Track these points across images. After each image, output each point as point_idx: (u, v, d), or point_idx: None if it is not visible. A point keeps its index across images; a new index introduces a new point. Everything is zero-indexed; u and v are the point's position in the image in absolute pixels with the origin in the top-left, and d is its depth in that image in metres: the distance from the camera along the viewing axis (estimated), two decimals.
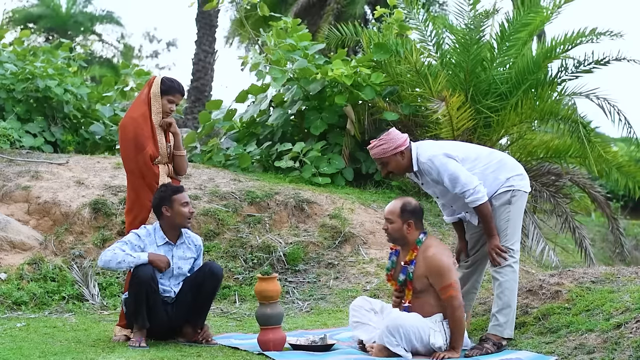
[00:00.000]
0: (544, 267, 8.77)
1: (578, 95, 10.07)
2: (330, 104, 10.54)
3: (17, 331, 6.15)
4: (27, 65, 11.18)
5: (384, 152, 5.42)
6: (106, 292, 7.52)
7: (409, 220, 5.34)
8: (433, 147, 5.50)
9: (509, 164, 5.49)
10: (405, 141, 5.44)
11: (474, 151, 5.56)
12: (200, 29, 20.89)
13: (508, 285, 5.34)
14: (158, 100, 5.87)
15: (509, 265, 5.35)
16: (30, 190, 8.55)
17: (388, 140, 5.42)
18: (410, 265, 5.31)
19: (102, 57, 31.60)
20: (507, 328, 5.36)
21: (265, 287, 5.56)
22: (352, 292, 7.56)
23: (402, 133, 5.51)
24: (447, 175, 5.31)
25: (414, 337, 5.14)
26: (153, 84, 5.92)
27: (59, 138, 11.29)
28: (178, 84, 5.96)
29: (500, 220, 5.38)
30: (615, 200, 16.49)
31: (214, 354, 5.30)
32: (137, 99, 6.05)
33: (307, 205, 8.80)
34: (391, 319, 5.19)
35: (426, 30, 10.50)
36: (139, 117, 5.85)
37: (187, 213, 5.66)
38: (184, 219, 5.67)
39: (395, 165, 5.46)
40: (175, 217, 5.65)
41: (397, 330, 5.12)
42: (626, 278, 5.96)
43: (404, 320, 5.17)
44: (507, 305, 5.34)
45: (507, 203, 5.37)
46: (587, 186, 10.35)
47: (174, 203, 5.64)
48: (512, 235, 5.38)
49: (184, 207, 5.66)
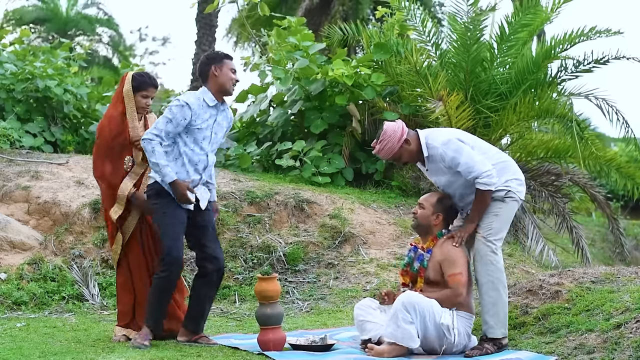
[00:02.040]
0: (543, 267, 8.77)
1: (577, 96, 10.07)
2: (331, 104, 10.54)
3: (17, 331, 6.15)
4: (27, 66, 11.18)
5: (392, 150, 5.41)
6: (106, 292, 7.52)
7: (440, 213, 5.43)
8: (445, 133, 5.49)
9: (512, 168, 5.48)
10: (403, 129, 5.41)
11: (484, 145, 5.56)
12: (200, 29, 20.88)
13: (490, 285, 5.28)
14: (131, 98, 5.83)
15: (489, 263, 5.28)
16: (30, 190, 8.55)
17: (388, 138, 5.39)
18: (426, 253, 5.38)
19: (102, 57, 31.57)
20: (499, 328, 5.31)
21: (265, 287, 5.56)
22: (352, 292, 7.56)
23: (394, 123, 5.46)
24: (463, 159, 5.27)
25: (427, 315, 5.16)
26: (125, 82, 5.86)
27: (59, 138, 11.29)
28: (149, 76, 5.90)
29: (488, 213, 5.34)
30: (615, 200, 16.49)
31: (214, 354, 5.30)
32: (113, 97, 5.99)
33: (307, 205, 8.80)
34: (406, 295, 5.21)
35: (425, 31, 10.50)
36: (117, 115, 5.83)
37: (234, 78, 5.67)
38: (230, 84, 5.66)
39: (407, 155, 5.46)
40: (223, 79, 5.63)
41: (412, 307, 5.14)
42: (626, 278, 5.96)
43: (420, 298, 5.20)
44: (493, 305, 5.29)
45: (501, 200, 5.35)
46: (587, 186, 10.34)
47: (224, 66, 5.64)
48: (497, 232, 5.33)
49: (233, 72, 5.67)
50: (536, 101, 9.91)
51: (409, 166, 10.23)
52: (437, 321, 5.19)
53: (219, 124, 5.73)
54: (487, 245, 5.31)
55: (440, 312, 5.21)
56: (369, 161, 10.49)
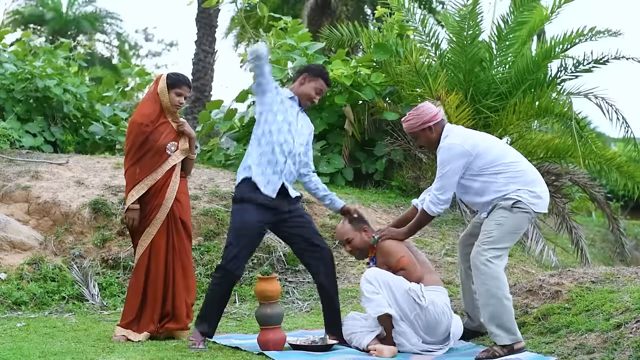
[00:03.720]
0: (543, 267, 8.77)
1: (576, 95, 10.08)
2: (330, 103, 10.54)
3: (17, 331, 6.15)
4: (27, 66, 11.18)
5: (412, 127, 5.42)
6: (106, 292, 7.52)
7: (361, 228, 5.59)
8: (459, 137, 5.34)
9: (528, 179, 5.32)
10: (436, 116, 5.37)
11: (498, 153, 5.36)
12: (200, 29, 20.89)
13: (488, 294, 5.11)
14: (165, 95, 5.94)
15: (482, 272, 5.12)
16: (30, 190, 8.55)
17: (416, 116, 5.39)
18: (371, 262, 5.55)
19: (102, 56, 31.58)
20: (506, 335, 5.12)
21: (265, 287, 5.56)
22: (352, 292, 7.56)
23: (433, 106, 5.44)
24: (439, 170, 5.32)
25: (393, 284, 5.23)
26: (160, 80, 6.03)
27: (59, 138, 11.29)
28: (184, 76, 6.06)
29: (491, 221, 5.22)
30: (615, 200, 16.49)
31: (214, 354, 5.30)
32: (146, 96, 6.17)
33: (307, 205, 8.79)
34: (368, 270, 5.36)
35: (424, 31, 10.50)
36: (151, 113, 5.93)
37: (314, 97, 5.66)
38: (307, 98, 5.65)
39: (425, 140, 5.45)
40: (306, 90, 5.63)
41: (374, 278, 5.25)
42: (626, 278, 5.96)
43: (383, 272, 5.33)
44: (492, 314, 5.13)
45: (507, 209, 5.20)
46: (587, 186, 10.35)
47: (314, 81, 5.65)
48: (496, 241, 5.15)
49: (317, 92, 5.66)
50: (536, 101, 9.91)
51: (409, 166, 10.24)
52: (405, 288, 5.24)
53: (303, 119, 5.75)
54: (480, 254, 5.16)
55: (405, 282, 5.27)
56: (369, 161, 10.49)
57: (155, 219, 5.91)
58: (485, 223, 5.28)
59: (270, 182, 5.47)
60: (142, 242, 5.93)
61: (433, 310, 5.26)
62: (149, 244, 5.91)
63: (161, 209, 5.91)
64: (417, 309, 5.24)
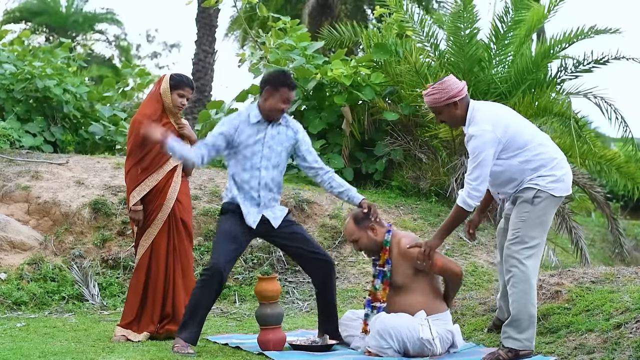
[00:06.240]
0: (544, 267, 8.76)
1: (575, 95, 10.07)
2: (330, 103, 10.54)
3: (17, 331, 6.15)
4: (26, 66, 11.18)
5: (435, 102, 5.18)
6: (106, 292, 7.52)
7: (368, 226, 5.40)
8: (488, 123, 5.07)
9: (549, 162, 5.11)
10: (461, 91, 5.15)
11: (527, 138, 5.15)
12: (200, 29, 20.89)
13: (515, 297, 5.02)
14: (168, 96, 5.94)
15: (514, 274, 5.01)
16: (30, 190, 8.55)
17: (441, 90, 5.16)
18: (387, 265, 5.33)
19: (102, 56, 31.57)
20: (521, 340, 5.00)
21: (265, 287, 5.57)
22: (352, 292, 7.56)
23: (458, 81, 5.22)
24: (471, 160, 5.08)
25: (405, 336, 5.11)
26: (163, 81, 6.03)
27: (59, 138, 11.29)
28: (187, 78, 6.05)
29: (515, 218, 5.10)
30: (615, 200, 16.47)
31: (214, 354, 5.30)
32: (148, 96, 6.16)
33: (307, 205, 8.80)
34: (380, 321, 5.16)
35: (423, 31, 10.50)
36: (152, 114, 5.92)
37: (283, 108, 5.46)
38: (276, 110, 5.47)
39: (448, 116, 5.23)
40: (272, 105, 5.46)
41: (388, 334, 5.10)
42: (626, 278, 5.97)
43: (394, 321, 5.15)
44: (516, 318, 5.03)
45: (529, 202, 5.06)
46: (587, 186, 10.34)
47: (277, 93, 5.44)
48: (523, 239, 5.01)
49: (283, 102, 5.47)
50: (535, 101, 9.91)
51: (409, 166, 10.23)
52: (416, 338, 5.13)
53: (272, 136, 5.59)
54: (512, 257, 5.04)
55: (416, 327, 5.13)
56: (369, 161, 10.49)
57: (157, 219, 5.92)
58: (512, 220, 5.14)
59: (249, 213, 5.50)
60: (143, 243, 5.94)
61: (441, 346, 5.20)
62: (149, 245, 5.92)
63: (162, 209, 5.91)
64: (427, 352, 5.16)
